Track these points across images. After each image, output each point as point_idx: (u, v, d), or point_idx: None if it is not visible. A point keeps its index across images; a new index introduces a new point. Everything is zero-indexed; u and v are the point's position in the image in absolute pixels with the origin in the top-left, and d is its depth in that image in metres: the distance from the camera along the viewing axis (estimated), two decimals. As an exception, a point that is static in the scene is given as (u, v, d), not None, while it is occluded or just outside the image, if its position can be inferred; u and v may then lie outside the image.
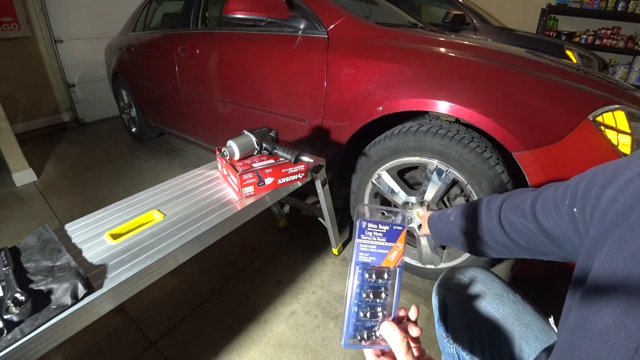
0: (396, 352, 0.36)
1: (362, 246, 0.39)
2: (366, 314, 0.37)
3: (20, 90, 3.10)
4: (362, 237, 0.39)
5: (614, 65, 3.69)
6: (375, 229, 0.39)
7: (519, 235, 0.52)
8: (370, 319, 0.37)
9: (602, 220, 0.37)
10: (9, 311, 0.56)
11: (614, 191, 0.37)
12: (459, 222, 0.65)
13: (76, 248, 0.78)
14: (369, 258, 0.39)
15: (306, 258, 1.47)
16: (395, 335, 0.36)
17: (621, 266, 0.32)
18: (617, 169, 0.38)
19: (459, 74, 1.04)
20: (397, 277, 0.40)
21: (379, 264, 0.39)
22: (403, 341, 0.36)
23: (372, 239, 0.39)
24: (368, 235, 0.39)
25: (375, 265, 0.39)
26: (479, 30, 2.76)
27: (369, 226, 0.39)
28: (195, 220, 0.89)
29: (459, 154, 1.03)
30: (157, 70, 2.22)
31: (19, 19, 2.92)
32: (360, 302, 0.38)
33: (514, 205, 0.54)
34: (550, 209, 0.47)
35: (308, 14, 1.37)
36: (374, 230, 0.39)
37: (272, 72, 1.46)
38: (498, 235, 0.56)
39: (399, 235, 0.40)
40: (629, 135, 0.85)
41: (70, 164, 2.58)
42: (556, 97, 0.93)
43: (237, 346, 1.08)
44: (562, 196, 0.46)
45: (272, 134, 1.09)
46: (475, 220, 0.61)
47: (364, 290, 0.38)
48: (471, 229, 0.62)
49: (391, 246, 0.40)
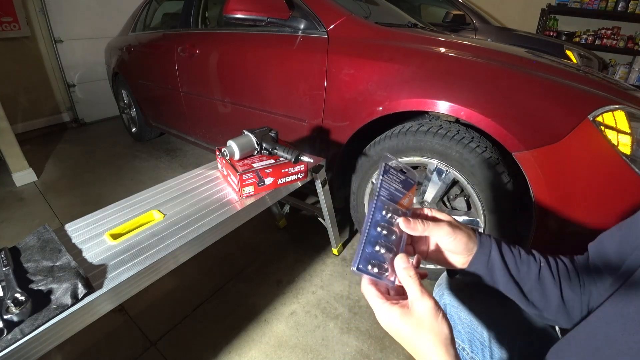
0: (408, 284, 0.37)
1: (385, 184, 0.43)
2: (378, 247, 0.40)
3: (20, 90, 3.10)
4: (385, 177, 0.44)
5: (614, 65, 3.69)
6: (395, 175, 0.45)
7: None
8: (384, 252, 0.40)
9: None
10: (9, 311, 0.56)
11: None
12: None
13: (76, 248, 0.78)
14: (388, 196, 0.43)
15: (306, 258, 1.47)
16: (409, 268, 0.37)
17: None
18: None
19: (459, 74, 1.04)
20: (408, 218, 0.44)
21: (395, 203, 0.43)
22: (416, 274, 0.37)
23: (392, 181, 0.44)
24: (390, 177, 0.44)
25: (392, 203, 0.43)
26: (479, 30, 2.76)
27: (391, 170, 0.45)
28: (195, 220, 0.89)
29: (459, 154, 1.03)
30: (157, 70, 2.22)
31: (19, 19, 2.92)
32: (376, 233, 0.40)
33: None
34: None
35: (308, 14, 1.37)
36: (394, 175, 0.45)
37: (272, 72, 1.46)
38: None
39: (411, 187, 0.46)
40: (629, 135, 0.85)
41: (70, 164, 2.58)
42: (556, 97, 0.93)
43: (237, 346, 1.09)
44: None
45: (272, 134, 1.09)
46: None
47: (379, 224, 0.41)
48: None
49: (405, 193, 0.45)
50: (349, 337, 1.11)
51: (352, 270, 0.38)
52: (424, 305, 0.35)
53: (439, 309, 0.35)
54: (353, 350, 1.07)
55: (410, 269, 0.37)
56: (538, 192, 0.94)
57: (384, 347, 1.07)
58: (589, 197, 0.89)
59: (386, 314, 0.36)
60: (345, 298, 1.26)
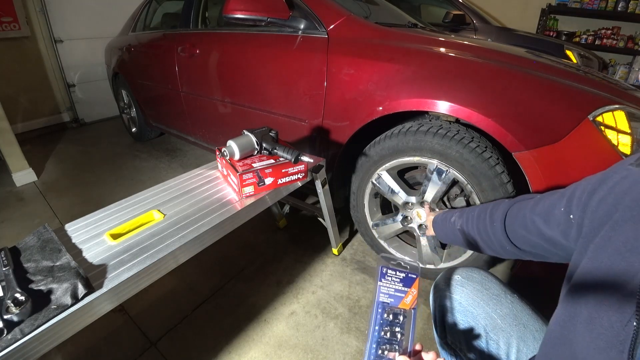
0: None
1: (383, 288, 0.44)
2: (384, 351, 0.41)
3: (20, 90, 3.10)
4: (382, 281, 0.45)
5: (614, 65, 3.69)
6: (394, 275, 0.46)
7: (524, 243, 0.56)
8: (387, 355, 0.41)
9: (592, 221, 0.41)
10: (9, 311, 0.56)
11: (602, 193, 0.41)
12: (465, 230, 0.68)
13: (76, 248, 0.78)
14: (388, 299, 0.44)
15: (306, 258, 1.47)
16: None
17: (606, 260, 0.35)
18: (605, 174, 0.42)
19: (459, 74, 1.04)
20: (412, 318, 0.45)
21: (396, 305, 0.45)
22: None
23: (391, 283, 0.45)
24: (388, 280, 0.45)
25: (393, 306, 0.44)
26: (479, 30, 2.76)
27: (388, 272, 0.46)
28: (195, 220, 0.89)
29: (459, 154, 1.03)
30: (157, 70, 2.22)
31: (19, 19, 2.92)
32: (379, 339, 0.42)
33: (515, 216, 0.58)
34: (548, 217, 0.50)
35: (308, 14, 1.37)
36: (393, 276, 0.46)
37: (272, 72, 1.46)
38: (504, 243, 0.60)
39: (413, 282, 0.47)
40: (629, 135, 0.85)
41: (70, 164, 2.58)
42: (556, 97, 0.93)
43: (237, 346, 1.09)
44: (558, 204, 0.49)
45: (272, 134, 1.09)
46: (480, 230, 0.64)
47: (382, 328, 0.43)
48: (477, 237, 0.65)
49: (407, 291, 0.46)
50: (349, 337, 1.11)
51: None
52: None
53: None
54: (353, 350, 1.07)
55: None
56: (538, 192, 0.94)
57: (384, 347, 1.07)
58: (588, 197, 0.89)
59: None
60: (345, 298, 1.26)
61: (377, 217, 1.39)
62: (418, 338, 1.10)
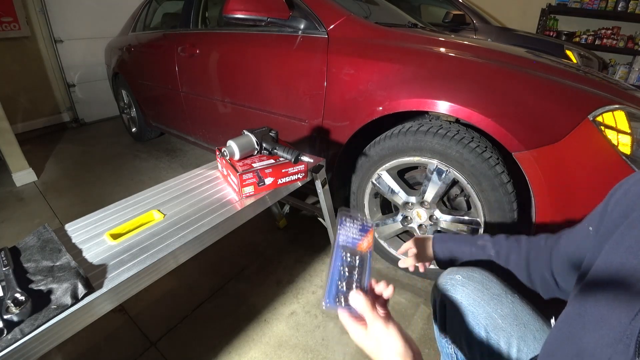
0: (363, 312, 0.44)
1: (342, 235, 0.52)
2: (343, 284, 0.47)
3: (20, 90, 3.10)
4: (341, 228, 0.53)
5: (614, 65, 3.69)
6: (352, 224, 0.54)
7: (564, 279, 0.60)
8: (346, 288, 0.47)
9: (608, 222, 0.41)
10: (9, 311, 0.56)
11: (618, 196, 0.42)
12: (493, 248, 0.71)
13: (76, 248, 0.78)
14: (347, 243, 0.51)
15: (306, 258, 1.47)
16: (361, 300, 0.44)
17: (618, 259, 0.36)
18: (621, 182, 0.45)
19: (459, 74, 1.04)
20: (367, 259, 0.51)
21: (354, 247, 0.52)
22: (368, 303, 0.44)
23: (348, 230, 0.53)
24: (346, 228, 0.53)
25: (351, 247, 0.51)
26: (479, 30, 2.76)
27: (346, 221, 0.54)
28: (195, 220, 0.89)
29: (459, 154, 1.03)
30: (157, 70, 2.22)
31: (19, 19, 2.92)
32: (340, 274, 0.48)
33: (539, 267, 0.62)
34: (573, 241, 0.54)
35: (308, 14, 1.37)
36: (351, 225, 0.54)
37: (272, 72, 1.46)
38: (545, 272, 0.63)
39: (368, 231, 0.54)
40: (629, 135, 0.85)
41: (70, 164, 2.58)
42: (556, 97, 0.93)
43: (237, 346, 1.09)
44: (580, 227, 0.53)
45: (272, 134, 1.09)
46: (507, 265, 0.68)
47: (342, 264, 0.49)
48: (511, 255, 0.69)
49: (363, 236, 0.53)
50: (349, 337, 1.10)
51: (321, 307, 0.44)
52: (375, 327, 0.43)
53: (388, 326, 0.43)
54: (353, 350, 1.07)
55: (362, 301, 0.44)
56: (538, 192, 0.94)
57: (384, 347, 1.07)
58: (588, 197, 0.89)
59: (354, 332, 0.45)
60: (345, 298, 1.26)
61: (377, 217, 1.39)
62: (417, 337, 1.10)
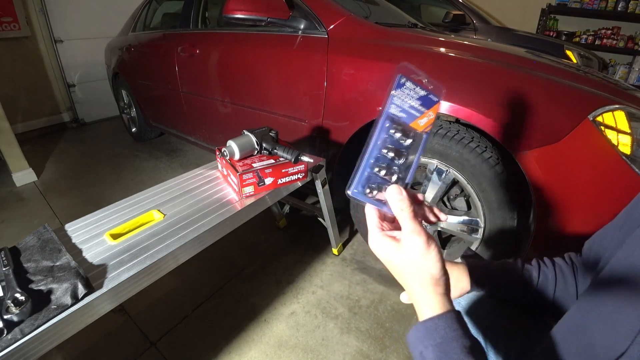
0: (400, 217, 0.34)
1: (396, 99, 0.37)
2: (381, 170, 0.36)
3: (20, 90, 3.10)
4: (397, 91, 0.37)
5: (614, 65, 3.69)
6: (413, 89, 0.38)
7: None
8: (383, 176, 0.36)
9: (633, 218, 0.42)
10: (9, 311, 0.56)
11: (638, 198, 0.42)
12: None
13: (76, 248, 0.78)
14: (400, 114, 0.37)
15: (306, 258, 1.47)
16: (403, 198, 0.34)
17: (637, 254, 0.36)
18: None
19: (459, 74, 1.04)
20: (421, 143, 0.38)
21: (408, 123, 0.37)
22: (410, 207, 0.34)
23: (407, 97, 0.37)
24: (404, 92, 0.37)
25: (404, 122, 0.37)
26: (479, 30, 2.76)
27: (407, 84, 0.37)
28: (195, 220, 0.89)
29: (459, 154, 1.03)
30: (157, 70, 2.21)
31: (19, 19, 2.92)
32: (379, 155, 0.36)
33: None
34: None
35: (308, 14, 1.37)
36: (411, 90, 0.38)
37: (272, 72, 1.46)
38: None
39: (433, 105, 0.39)
40: (629, 135, 0.85)
41: (70, 164, 2.58)
42: (556, 97, 0.93)
43: (237, 346, 1.08)
44: None
45: (272, 134, 1.09)
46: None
47: (385, 145, 0.36)
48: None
49: (424, 111, 0.38)
50: (349, 337, 1.11)
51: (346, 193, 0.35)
52: (413, 242, 0.33)
53: (429, 246, 0.33)
54: (353, 350, 1.07)
55: (404, 200, 0.34)
56: (538, 192, 0.94)
57: (384, 347, 1.07)
58: (589, 197, 0.89)
59: (378, 243, 0.35)
60: (345, 298, 1.26)
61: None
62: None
